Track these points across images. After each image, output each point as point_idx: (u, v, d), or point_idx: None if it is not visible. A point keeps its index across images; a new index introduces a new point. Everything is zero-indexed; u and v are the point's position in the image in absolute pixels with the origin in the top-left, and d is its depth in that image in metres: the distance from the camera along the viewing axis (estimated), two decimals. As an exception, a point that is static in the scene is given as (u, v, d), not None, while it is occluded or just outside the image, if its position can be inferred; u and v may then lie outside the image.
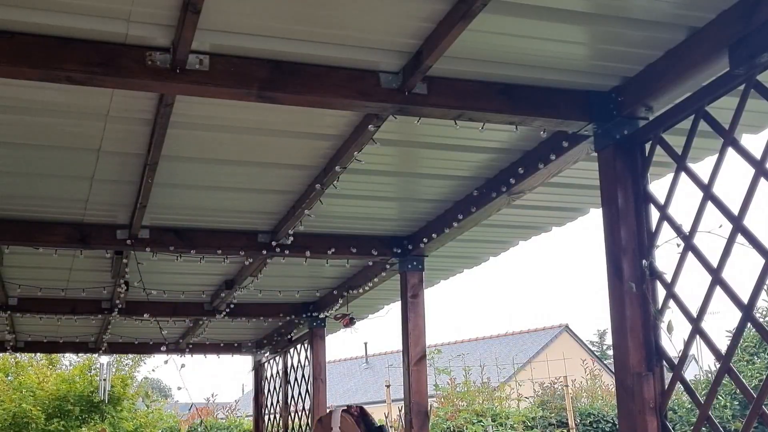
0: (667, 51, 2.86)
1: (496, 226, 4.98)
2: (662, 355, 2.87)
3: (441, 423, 14.03)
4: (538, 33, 2.76)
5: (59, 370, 16.47)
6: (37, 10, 2.52)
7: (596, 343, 40.74)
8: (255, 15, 2.60)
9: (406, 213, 4.86)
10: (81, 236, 4.73)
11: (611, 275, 3.02)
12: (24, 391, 14.64)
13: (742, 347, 16.66)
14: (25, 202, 4.41)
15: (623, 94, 3.10)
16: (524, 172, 3.82)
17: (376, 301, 7.04)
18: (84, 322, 7.28)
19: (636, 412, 2.83)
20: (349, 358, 35.73)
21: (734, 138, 2.62)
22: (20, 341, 8.49)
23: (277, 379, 8.77)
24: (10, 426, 14.00)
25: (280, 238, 4.93)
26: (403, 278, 5.25)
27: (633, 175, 3.03)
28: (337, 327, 7.40)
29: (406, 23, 2.69)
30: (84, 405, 14.73)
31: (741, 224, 2.54)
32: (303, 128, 3.58)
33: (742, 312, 2.53)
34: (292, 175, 4.13)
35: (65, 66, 2.65)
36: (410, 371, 5.08)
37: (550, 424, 15.80)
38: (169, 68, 2.73)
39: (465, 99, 3.05)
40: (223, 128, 3.55)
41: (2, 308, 6.46)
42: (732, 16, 2.56)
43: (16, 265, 5.51)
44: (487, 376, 17.33)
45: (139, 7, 2.53)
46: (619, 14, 2.66)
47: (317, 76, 2.90)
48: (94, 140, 3.60)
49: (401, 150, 3.93)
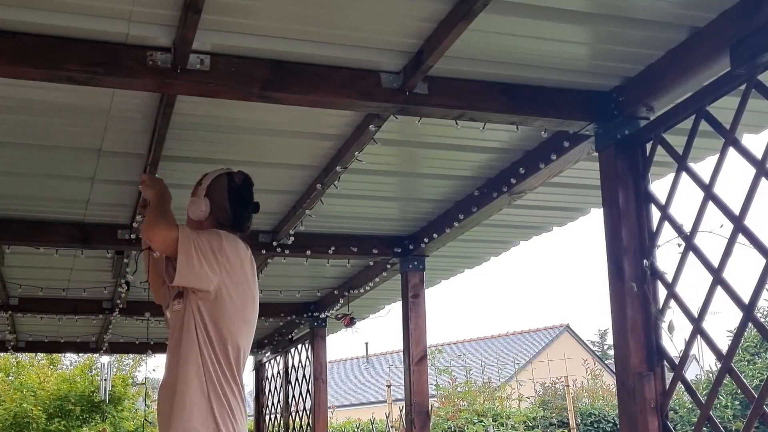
0: (669, 51, 2.86)
1: (497, 226, 4.98)
2: (663, 354, 2.87)
3: (442, 423, 14.03)
4: (539, 33, 2.76)
5: (60, 370, 16.50)
6: (39, 10, 2.52)
7: (597, 342, 40.71)
8: (256, 15, 2.60)
9: (407, 213, 4.86)
10: (82, 236, 4.73)
11: (612, 275, 3.01)
12: (25, 390, 14.65)
13: (743, 347, 16.68)
14: (26, 202, 4.41)
15: (624, 94, 3.10)
16: (525, 172, 3.82)
17: (377, 301, 7.05)
18: (85, 322, 7.29)
19: (637, 412, 2.82)
20: (350, 358, 35.74)
21: (735, 138, 2.62)
22: (21, 341, 8.50)
23: (278, 379, 8.77)
24: (11, 426, 14.01)
25: (281, 238, 4.93)
26: (404, 278, 5.25)
27: (634, 175, 3.03)
28: (338, 327, 7.40)
29: (407, 23, 2.69)
30: (85, 405, 14.74)
31: (742, 224, 2.54)
32: (304, 128, 3.58)
33: (743, 312, 2.52)
34: (293, 174, 4.13)
35: (66, 66, 2.65)
36: (411, 371, 5.08)
37: (551, 424, 15.81)
38: (170, 68, 2.73)
39: (466, 99, 3.05)
40: (224, 128, 3.55)
41: (3, 308, 6.47)
42: (733, 16, 2.56)
43: (17, 264, 5.51)
44: (488, 376, 17.34)
45: (141, 7, 2.53)
46: (621, 14, 2.66)
47: (318, 76, 2.90)
48: (95, 140, 3.60)
49: (402, 150, 3.93)
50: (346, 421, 18.67)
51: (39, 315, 6.80)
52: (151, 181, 3.23)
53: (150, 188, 3.19)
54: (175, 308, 3.04)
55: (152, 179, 3.26)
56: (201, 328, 2.94)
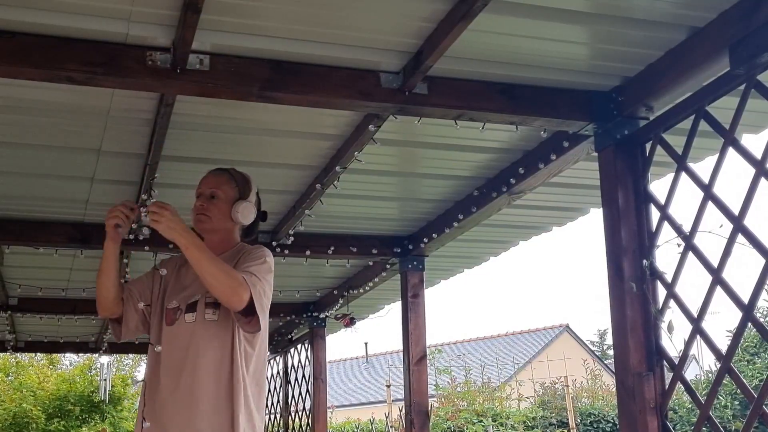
0: (668, 51, 2.86)
1: (496, 226, 4.98)
2: (663, 355, 2.87)
3: (441, 423, 14.03)
4: (538, 33, 2.76)
5: (60, 370, 16.51)
6: (38, 10, 2.52)
7: (597, 343, 40.73)
8: (255, 15, 2.60)
9: (406, 213, 4.86)
10: (81, 236, 4.73)
11: (612, 275, 3.01)
12: (24, 391, 14.66)
13: (743, 347, 16.68)
14: (26, 202, 4.41)
15: (624, 94, 3.10)
16: (525, 172, 3.82)
17: (377, 301, 7.05)
18: (84, 322, 7.29)
19: (636, 412, 2.82)
20: (350, 358, 35.77)
21: (735, 138, 2.62)
22: (21, 341, 8.50)
23: (278, 379, 8.77)
24: (10, 426, 14.01)
25: (280, 238, 4.93)
26: (404, 278, 5.25)
27: (633, 175, 3.03)
28: (337, 327, 7.40)
29: (406, 23, 2.69)
30: (84, 405, 14.75)
31: (741, 224, 2.54)
32: (303, 128, 3.58)
33: (743, 312, 2.52)
34: (292, 174, 4.13)
35: (66, 66, 2.64)
36: (411, 371, 5.08)
37: (551, 424, 15.82)
38: (170, 68, 2.73)
39: (465, 99, 3.05)
40: (224, 128, 3.55)
41: (3, 308, 6.47)
42: (733, 16, 2.56)
43: (16, 264, 5.51)
44: (488, 376, 17.34)
45: (140, 7, 2.53)
46: (620, 14, 2.66)
47: (318, 76, 2.90)
48: (94, 140, 3.60)
49: (402, 150, 3.93)
50: (346, 421, 18.69)
51: (38, 315, 6.80)
52: (170, 220, 2.77)
53: (172, 230, 2.77)
54: (208, 317, 2.91)
55: (168, 217, 2.79)
56: (238, 338, 2.90)
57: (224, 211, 3.01)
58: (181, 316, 2.95)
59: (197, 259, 2.76)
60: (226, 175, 3.07)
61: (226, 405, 2.81)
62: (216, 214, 3.01)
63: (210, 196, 3.02)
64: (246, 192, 3.04)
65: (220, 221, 3.02)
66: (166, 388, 2.89)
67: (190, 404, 2.83)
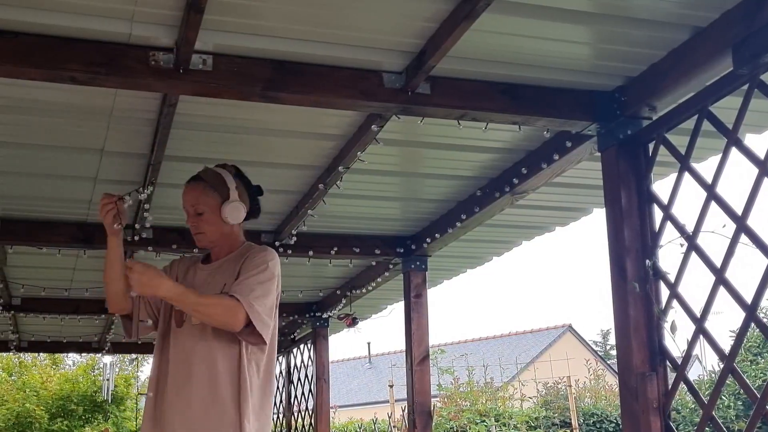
0: (671, 51, 2.86)
1: (499, 226, 4.98)
2: (666, 355, 2.86)
3: (444, 423, 14.02)
4: (541, 33, 2.75)
5: (62, 369, 16.53)
6: (41, 10, 2.52)
7: (599, 343, 40.69)
8: (258, 15, 2.60)
9: (409, 213, 4.86)
10: (84, 236, 4.74)
11: (615, 275, 3.01)
12: (27, 390, 14.69)
13: (746, 347, 16.64)
14: (29, 202, 4.42)
15: (626, 94, 3.09)
16: (527, 172, 3.81)
17: (380, 301, 7.05)
18: (87, 321, 7.30)
19: (639, 412, 2.82)
20: (353, 358, 35.76)
21: (738, 138, 2.61)
22: (24, 341, 8.52)
23: (281, 379, 8.78)
24: (13, 425, 14.04)
25: (283, 238, 4.93)
26: (407, 278, 5.25)
27: (636, 175, 3.03)
28: (340, 327, 7.40)
29: (409, 23, 2.69)
30: (87, 405, 14.77)
31: (745, 224, 2.53)
32: (306, 128, 3.58)
33: (746, 312, 2.52)
34: (295, 175, 4.13)
35: (68, 66, 2.65)
36: (413, 371, 5.08)
37: (554, 424, 15.80)
38: (173, 68, 2.73)
39: (468, 99, 3.05)
40: (227, 128, 3.55)
41: (6, 308, 6.48)
42: (736, 15, 2.55)
43: (19, 265, 5.52)
44: (491, 376, 17.32)
45: (143, 7, 2.53)
46: (623, 14, 2.66)
47: (320, 76, 2.90)
48: (97, 140, 3.60)
49: (404, 150, 3.93)
50: (349, 421, 18.69)
51: (41, 315, 6.81)
52: (141, 277, 2.72)
53: (145, 286, 2.74)
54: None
55: (136, 279, 2.73)
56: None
57: (215, 221, 3.00)
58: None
59: (182, 305, 2.82)
60: (201, 185, 3.02)
61: (234, 406, 2.82)
62: (209, 228, 3.01)
63: (196, 213, 3.02)
64: (225, 192, 2.99)
65: (215, 232, 3.02)
66: (173, 389, 2.89)
67: (197, 405, 2.83)
